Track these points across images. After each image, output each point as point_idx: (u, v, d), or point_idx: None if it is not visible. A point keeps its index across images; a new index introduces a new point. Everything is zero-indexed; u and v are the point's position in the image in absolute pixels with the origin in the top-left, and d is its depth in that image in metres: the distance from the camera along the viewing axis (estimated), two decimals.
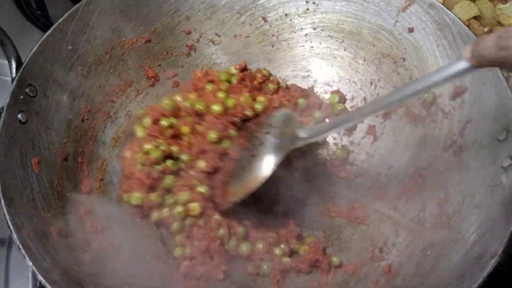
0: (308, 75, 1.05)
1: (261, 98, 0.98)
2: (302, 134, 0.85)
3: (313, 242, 0.89)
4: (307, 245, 0.89)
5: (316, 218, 0.94)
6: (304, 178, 0.94)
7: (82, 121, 0.92)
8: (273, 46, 1.05)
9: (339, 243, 0.92)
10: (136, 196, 0.89)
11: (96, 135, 0.94)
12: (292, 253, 0.89)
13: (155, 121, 0.93)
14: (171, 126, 0.93)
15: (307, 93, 1.02)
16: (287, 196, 0.92)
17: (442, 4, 0.92)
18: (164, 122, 0.93)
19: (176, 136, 0.93)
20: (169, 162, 0.91)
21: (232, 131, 0.92)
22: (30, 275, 0.90)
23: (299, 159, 0.94)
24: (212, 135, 0.91)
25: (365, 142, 0.99)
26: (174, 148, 0.92)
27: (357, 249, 0.90)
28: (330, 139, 1.01)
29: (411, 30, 0.95)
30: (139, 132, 0.94)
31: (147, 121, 0.94)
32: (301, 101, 1.00)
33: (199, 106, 0.94)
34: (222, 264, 0.86)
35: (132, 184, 0.90)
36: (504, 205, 0.75)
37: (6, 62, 0.87)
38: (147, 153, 0.91)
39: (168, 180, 0.90)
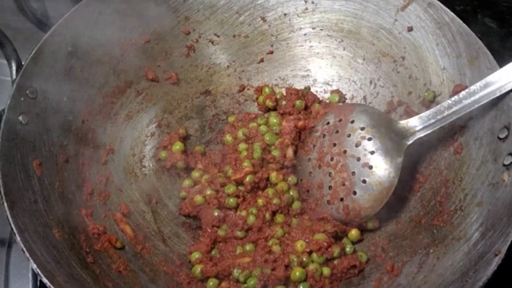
0: (308, 75, 1.05)
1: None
2: (411, 126, 0.86)
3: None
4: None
5: None
6: None
7: (83, 122, 0.92)
8: (272, 46, 1.05)
9: None
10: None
11: (96, 136, 0.93)
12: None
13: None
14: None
15: (303, 93, 1.02)
16: None
17: None
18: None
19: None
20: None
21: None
22: (30, 275, 0.90)
23: None
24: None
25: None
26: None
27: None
28: None
29: (410, 29, 0.95)
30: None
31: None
32: (298, 102, 1.00)
33: None
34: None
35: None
36: (506, 203, 0.75)
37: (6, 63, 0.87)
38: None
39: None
